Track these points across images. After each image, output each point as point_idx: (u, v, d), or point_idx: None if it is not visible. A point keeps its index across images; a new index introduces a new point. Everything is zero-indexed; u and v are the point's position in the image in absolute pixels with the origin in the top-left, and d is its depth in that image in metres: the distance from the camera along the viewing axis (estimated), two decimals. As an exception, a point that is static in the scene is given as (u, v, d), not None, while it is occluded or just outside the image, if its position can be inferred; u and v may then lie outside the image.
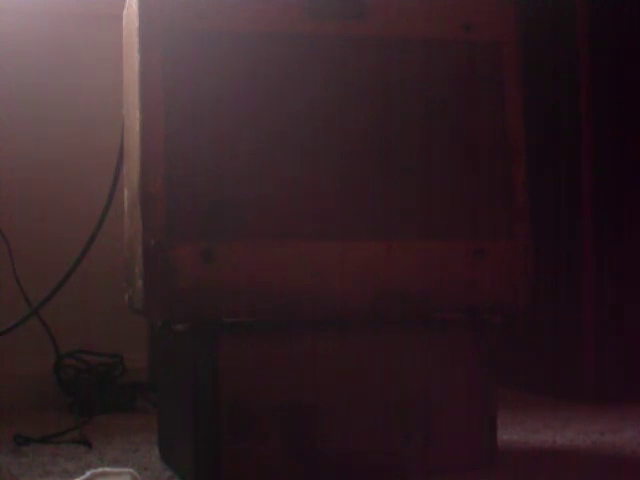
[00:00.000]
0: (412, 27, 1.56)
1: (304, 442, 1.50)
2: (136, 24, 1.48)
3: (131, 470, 1.35)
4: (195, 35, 1.47)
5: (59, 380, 2.28)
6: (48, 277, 2.30)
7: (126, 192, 1.63)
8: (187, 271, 1.44)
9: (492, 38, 1.59)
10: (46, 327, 2.24)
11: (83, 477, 1.34)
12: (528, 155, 2.34)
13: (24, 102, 2.38)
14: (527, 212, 1.59)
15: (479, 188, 1.57)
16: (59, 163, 2.40)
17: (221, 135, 1.47)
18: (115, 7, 2.38)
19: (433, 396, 1.56)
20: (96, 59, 2.43)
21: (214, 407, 1.46)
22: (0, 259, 2.30)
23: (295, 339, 1.50)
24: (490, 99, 1.59)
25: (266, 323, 1.49)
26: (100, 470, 1.35)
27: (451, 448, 1.56)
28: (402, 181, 1.54)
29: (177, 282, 1.43)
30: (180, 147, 1.45)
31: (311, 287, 1.48)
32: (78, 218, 2.39)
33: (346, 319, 1.52)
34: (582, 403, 2.26)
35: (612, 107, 2.30)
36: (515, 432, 1.91)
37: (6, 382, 2.32)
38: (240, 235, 1.47)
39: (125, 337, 2.42)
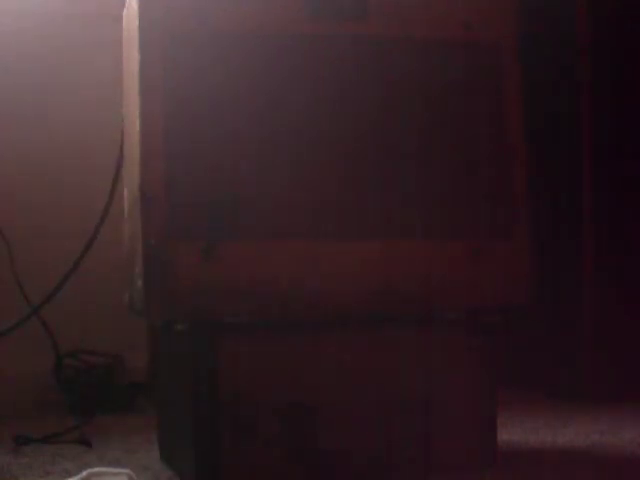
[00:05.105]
0: (412, 27, 1.56)
1: (304, 442, 1.50)
2: (136, 24, 1.48)
3: (128, 471, 1.35)
4: (195, 35, 1.47)
5: (59, 380, 2.28)
6: (48, 277, 2.29)
7: (126, 192, 1.63)
8: (187, 271, 1.44)
9: (492, 38, 1.59)
10: (46, 327, 2.24)
11: (79, 476, 1.34)
12: (528, 155, 2.34)
13: (24, 102, 2.38)
14: (527, 212, 1.59)
15: (479, 188, 1.57)
16: (59, 163, 2.40)
17: (221, 135, 1.47)
18: (115, 7, 2.38)
19: (433, 396, 1.56)
20: (96, 59, 2.43)
21: (214, 407, 1.46)
22: (0, 259, 2.30)
23: (295, 339, 1.50)
24: (490, 99, 1.59)
25: (266, 323, 1.49)
26: (97, 470, 1.35)
27: (451, 448, 1.56)
28: (402, 181, 1.54)
29: (177, 282, 1.43)
30: (180, 147, 1.45)
31: (311, 287, 1.48)
32: (78, 218, 2.39)
33: (346, 319, 1.51)
34: (582, 403, 2.26)
35: (612, 107, 2.30)
36: (515, 432, 1.91)
37: (6, 382, 2.32)
38: (240, 235, 1.47)
39: (125, 337, 2.42)
